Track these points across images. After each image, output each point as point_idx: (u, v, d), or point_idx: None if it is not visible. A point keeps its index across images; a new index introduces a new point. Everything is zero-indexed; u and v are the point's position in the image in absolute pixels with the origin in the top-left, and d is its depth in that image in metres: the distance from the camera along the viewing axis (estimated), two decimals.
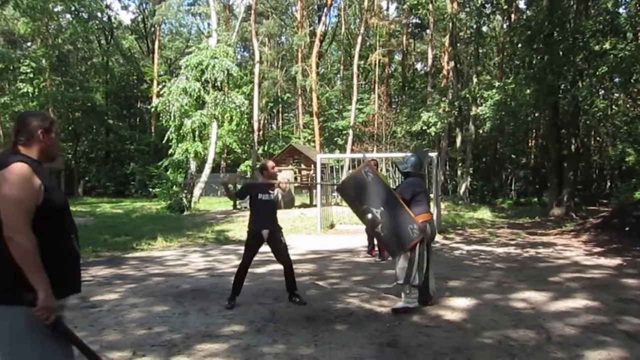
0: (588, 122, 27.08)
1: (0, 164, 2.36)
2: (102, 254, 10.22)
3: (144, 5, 44.89)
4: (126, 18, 56.50)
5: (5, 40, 39.15)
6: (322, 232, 14.05)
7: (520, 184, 37.28)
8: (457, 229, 15.57)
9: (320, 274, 7.93)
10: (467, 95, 26.63)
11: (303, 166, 26.39)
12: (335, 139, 38.66)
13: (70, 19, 38.32)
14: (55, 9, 36.19)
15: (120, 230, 13.59)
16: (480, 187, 33.92)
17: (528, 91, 20.22)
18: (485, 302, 6.05)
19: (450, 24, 28.70)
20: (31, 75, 33.68)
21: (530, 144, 38.57)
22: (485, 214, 21.53)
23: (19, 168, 2.36)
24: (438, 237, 13.25)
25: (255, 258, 9.34)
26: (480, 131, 30.86)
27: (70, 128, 39.99)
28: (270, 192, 6.08)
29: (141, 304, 6.03)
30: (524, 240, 12.96)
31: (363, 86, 41.85)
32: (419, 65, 46.65)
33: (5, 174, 2.34)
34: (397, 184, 7.59)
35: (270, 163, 6.35)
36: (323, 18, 38.52)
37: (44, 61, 35.51)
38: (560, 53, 18.49)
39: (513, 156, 37.61)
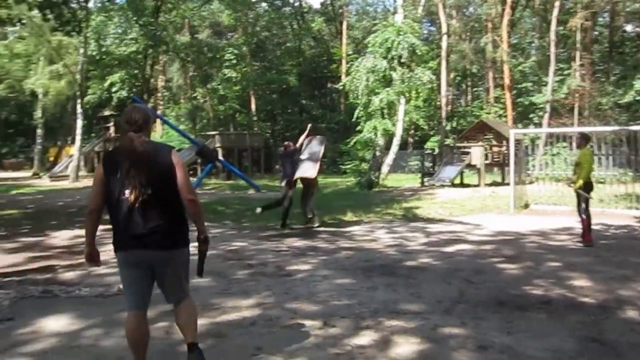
0: None
1: (167, 149, 3.25)
2: (296, 227, 10.82)
3: None
4: (315, 2, 58.80)
5: (212, 32, 43.36)
6: (515, 212, 13.24)
7: None
8: None
9: (513, 256, 7.45)
10: None
11: (494, 142, 25.13)
12: (530, 115, 36.05)
13: (266, 7, 41.07)
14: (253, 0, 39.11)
15: None
16: None
17: None
18: None
19: None
20: (234, 62, 36.98)
21: None
22: None
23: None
24: None
25: (443, 237, 9.25)
26: None
27: (268, 108, 43.14)
28: None
29: (331, 276, 6.25)
30: None
31: (562, 55, 38.26)
32: (628, 27, 41.13)
33: (179, 157, 3.25)
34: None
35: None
36: None
37: (244, 48, 38.70)
38: None
39: None
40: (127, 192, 3.06)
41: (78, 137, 28.76)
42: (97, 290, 5.55)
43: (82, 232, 3.34)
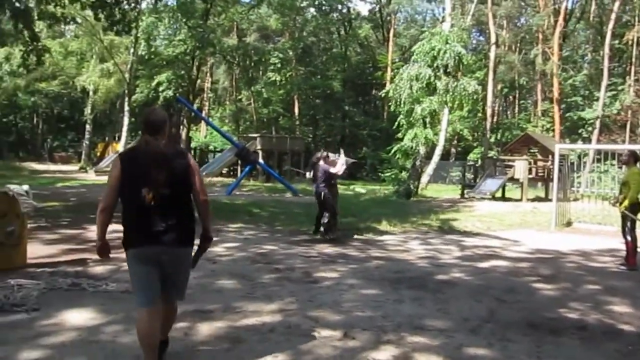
0: None
1: (184, 153, 3.55)
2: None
3: None
4: (364, 8, 58.69)
5: (260, 35, 43.85)
6: (556, 229, 12.79)
7: None
8: None
9: (550, 276, 7.14)
10: None
11: (539, 157, 24.45)
12: (579, 130, 34.98)
13: (314, 12, 41.26)
14: (301, 5, 39.33)
15: (348, 212, 14.12)
16: None
17: None
18: None
19: None
20: (279, 66, 37.24)
21: None
22: None
23: None
24: None
25: (479, 251, 8.99)
26: None
27: (310, 113, 43.26)
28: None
29: (358, 286, 6.13)
30: None
31: (616, 69, 37.01)
32: None
33: (193, 159, 3.47)
34: None
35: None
36: None
37: (290, 53, 38.93)
38: None
39: None
40: (144, 191, 3.20)
41: (124, 134, 29.51)
42: (124, 285, 5.57)
43: (119, 227, 3.39)
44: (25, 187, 6.73)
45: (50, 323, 4.39)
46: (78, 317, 4.56)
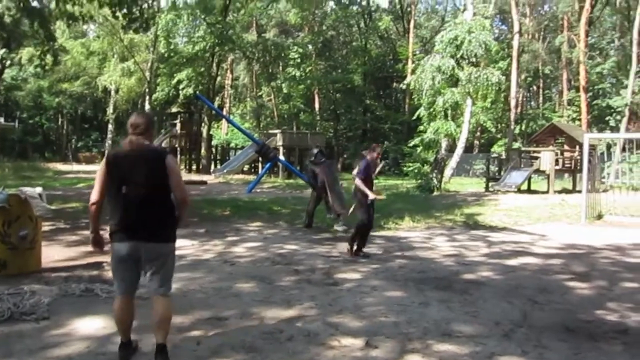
0: None
1: (164, 153, 3.74)
2: (350, 231, 10.42)
3: None
4: (383, 0, 57.96)
5: (279, 30, 43.61)
6: (586, 222, 12.33)
7: None
8: None
9: (583, 274, 6.78)
10: None
11: (566, 147, 23.80)
12: (606, 118, 34.03)
13: (333, 6, 40.83)
14: None
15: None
16: None
17: None
18: None
19: None
20: (299, 61, 36.91)
21: None
22: None
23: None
24: None
25: (506, 248, 8.64)
26: None
27: (331, 108, 42.90)
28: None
29: (381, 287, 5.86)
30: None
31: None
32: None
33: (173, 161, 3.66)
34: None
35: None
36: None
37: (310, 47, 38.60)
38: None
39: None
40: (124, 188, 3.48)
41: None
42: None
43: None
44: (39, 189, 6.57)
45: (59, 333, 4.22)
46: (88, 326, 4.39)
